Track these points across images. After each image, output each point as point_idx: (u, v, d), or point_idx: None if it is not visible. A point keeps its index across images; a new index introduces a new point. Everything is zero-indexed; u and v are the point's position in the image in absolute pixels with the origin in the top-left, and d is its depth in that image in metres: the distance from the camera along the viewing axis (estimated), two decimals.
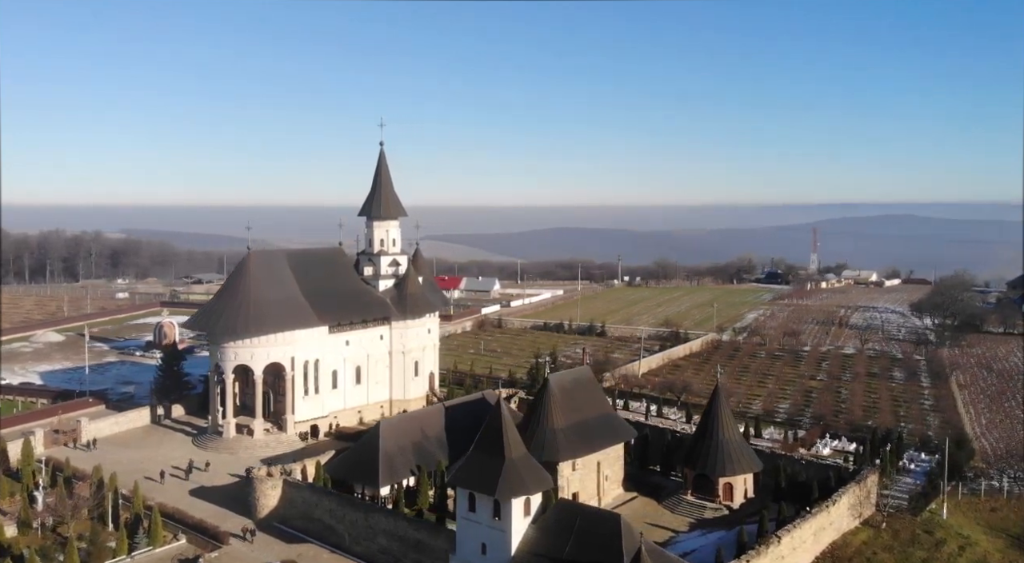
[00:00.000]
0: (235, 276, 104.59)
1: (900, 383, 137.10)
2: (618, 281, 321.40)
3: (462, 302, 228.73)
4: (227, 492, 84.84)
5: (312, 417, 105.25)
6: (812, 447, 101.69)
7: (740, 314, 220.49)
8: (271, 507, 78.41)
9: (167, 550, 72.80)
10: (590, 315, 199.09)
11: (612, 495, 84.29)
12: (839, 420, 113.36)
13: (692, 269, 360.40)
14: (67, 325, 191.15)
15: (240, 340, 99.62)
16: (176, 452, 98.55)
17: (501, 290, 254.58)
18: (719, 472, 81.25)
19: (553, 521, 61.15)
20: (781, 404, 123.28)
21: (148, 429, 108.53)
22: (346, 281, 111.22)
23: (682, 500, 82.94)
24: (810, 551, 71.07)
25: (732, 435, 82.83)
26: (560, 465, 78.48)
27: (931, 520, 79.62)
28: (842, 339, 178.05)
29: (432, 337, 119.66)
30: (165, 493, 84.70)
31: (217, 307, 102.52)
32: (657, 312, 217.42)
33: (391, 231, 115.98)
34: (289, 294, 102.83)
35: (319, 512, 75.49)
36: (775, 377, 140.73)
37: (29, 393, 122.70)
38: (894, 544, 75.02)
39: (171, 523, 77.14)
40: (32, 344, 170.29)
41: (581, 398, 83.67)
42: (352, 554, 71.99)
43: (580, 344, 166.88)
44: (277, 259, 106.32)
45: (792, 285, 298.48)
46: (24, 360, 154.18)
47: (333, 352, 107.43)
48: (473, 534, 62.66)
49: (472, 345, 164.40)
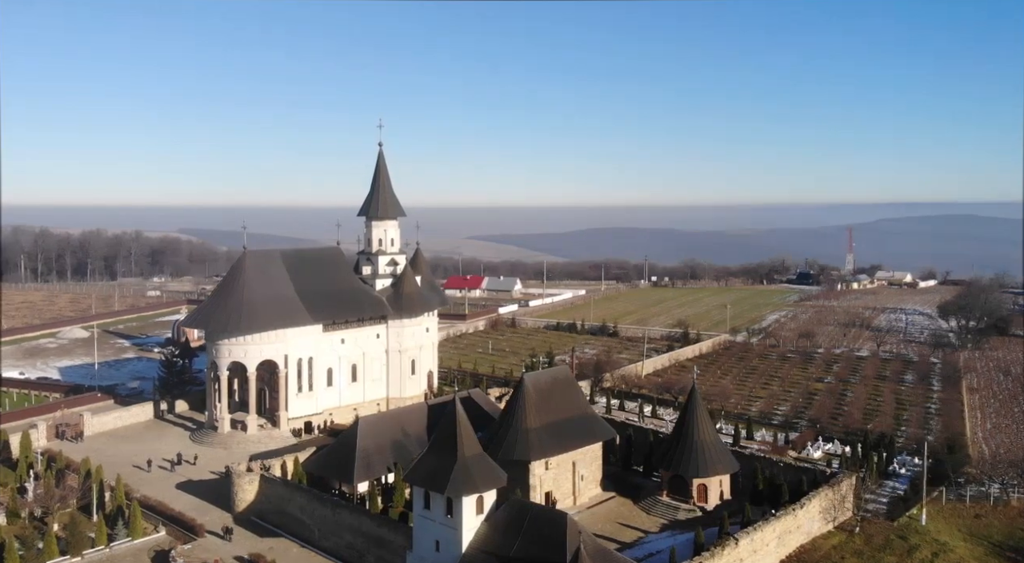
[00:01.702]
0: (231, 276, 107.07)
1: (909, 386, 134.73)
2: (645, 281, 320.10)
3: (479, 302, 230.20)
4: (211, 486, 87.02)
5: (306, 414, 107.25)
6: (803, 450, 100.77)
7: (761, 315, 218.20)
8: (248, 501, 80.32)
9: (146, 541, 74.92)
10: (609, 315, 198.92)
11: (588, 495, 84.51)
12: (837, 423, 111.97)
13: (722, 270, 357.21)
14: (94, 322, 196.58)
15: (233, 338, 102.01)
16: (173, 446, 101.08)
17: (523, 290, 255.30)
18: (693, 473, 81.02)
19: (504, 519, 61.83)
20: (781, 406, 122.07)
21: (150, 424, 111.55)
22: (342, 280, 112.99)
23: (657, 501, 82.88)
24: (774, 554, 70.57)
25: (707, 436, 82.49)
26: (532, 464, 79.04)
27: (908, 525, 78.42)
28: (859, 341, 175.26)
29: (431, 336, 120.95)
30: (152, 485, 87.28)
31: (213, 306, 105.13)
32: (676, 313, 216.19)
33: (389, 231, 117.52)
34: (282, 293, 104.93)
35: (291, 507, 77.15)
36: (781, 379, 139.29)
37: (44, 387, 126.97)
38: (865, 549, 74.11)
39: (153, 515, 79.55)
40: (58, 340, 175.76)
41: (558, 398, 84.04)
42: (321, 549, 73.45)
43: (591, 344, 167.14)
44: (272, 259, 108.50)
45: (823, 286, 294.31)
46: (47, 355, 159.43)
47: (328, 350, 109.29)
48: (428, 531, 63.69)
49: (482, 344, 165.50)
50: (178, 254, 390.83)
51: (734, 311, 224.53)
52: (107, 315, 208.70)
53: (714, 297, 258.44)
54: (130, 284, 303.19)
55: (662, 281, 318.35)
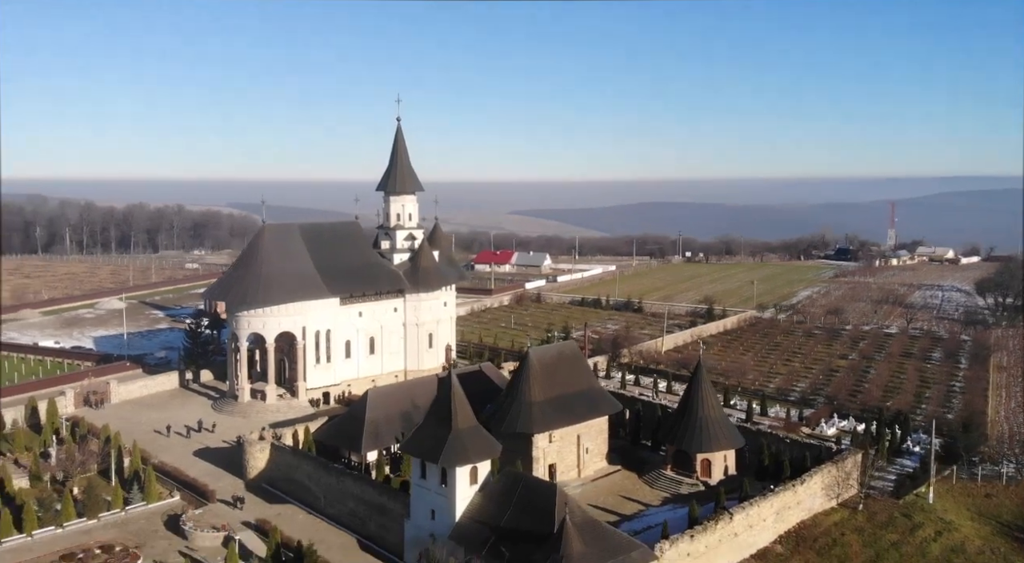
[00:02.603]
0: (250, 249, 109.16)
1: (935, 364, 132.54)
2: (678, 257, 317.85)
3: (508, 277, 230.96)
4: (226, 453, 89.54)
5: (324, 385, 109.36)
6: (816, 427, 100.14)
7: (793, 292, 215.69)
8: (260, 469, 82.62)
9: (160, 506, 77.65)
10: (637, 291, 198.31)
11: (593, 468, 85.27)
12: (855, 400, 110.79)
13: (759, 245, 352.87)
14: (124, 294, 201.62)
15: (252, 310, 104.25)
16: (196, 414, 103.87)
17: (552, 265, 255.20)
18: (696, 448, 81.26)
19: (497, 490, 62.88)
20: (800, 383, 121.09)
21: (175, 392, 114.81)
22: (360, 254, 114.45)
23: (661, 475, 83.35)
24: (771, 529, 70.70)
25: (712, 412, 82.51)
26: (535, 437, 79.95)
27: (914, 503, 77.95)
28: (890, 318, 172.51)
29: (448, 310, 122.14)
30: (171, 452, 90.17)
31: (232, 278, 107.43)
32: (707, 289, 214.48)
33: (407, 206, 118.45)
34: (300, 266, 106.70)
35: (299, 475, 79.22)
36: (803, 356, 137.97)
37: (76, 356, 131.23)
38: (867, 526, 73.88)
39: (168, 480, 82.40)
40: (96, 311, 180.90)
41: (563, 372, 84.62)
42: (326, 515, 75.44)
43: (614, 319, 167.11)
44: (291, 232, 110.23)
45: (861, 262, 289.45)
46: (84, 325, 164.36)
47: (345, 323, 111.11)
48: (424, 500, 65.06)
49: (504, 319, 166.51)
50: (219, 227, 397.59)
51: (766, 287, 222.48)
52: (144, 287, 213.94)
53: (748, 273, 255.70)
54: (171, 257, 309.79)
55: (696, 257, 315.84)
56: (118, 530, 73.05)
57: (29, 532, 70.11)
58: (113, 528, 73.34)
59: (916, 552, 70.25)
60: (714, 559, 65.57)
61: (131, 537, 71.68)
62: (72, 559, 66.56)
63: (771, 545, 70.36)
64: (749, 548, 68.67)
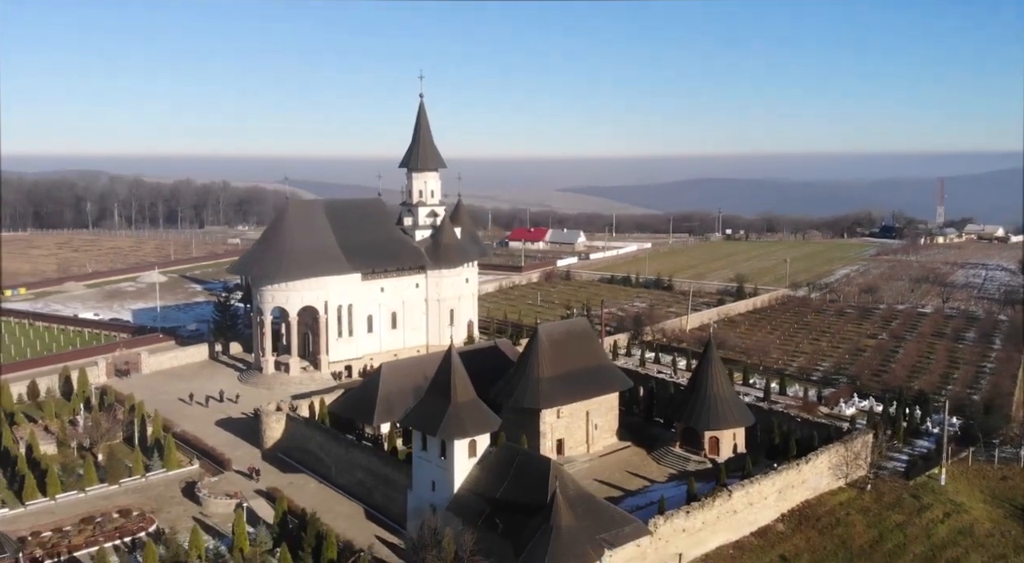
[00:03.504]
0: (274, 224, 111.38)
1: (968, 344, 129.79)
2: (718, 234, 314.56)
3: (540, 254, 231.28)
4: (245, 424, 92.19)
5: (347, 358, 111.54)
6: (835, 406, 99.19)
7: (830, 270, 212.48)
8: (275, 439, 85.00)
9: (179, 473, 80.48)
10: (670, 268, 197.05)
11: (603, 444, 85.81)
12: (879, 380, 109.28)
13: (802, 222, 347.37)
14: (171, 268, 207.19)
15: (275, 284, 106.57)
16: (222, 385, 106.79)
17: (586, 243, 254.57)
18: (704, 425, 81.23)
19: (494, 463, 63.92)
20: (824, 362, 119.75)
21: (204, 364, 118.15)
22: (382, 230, 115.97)
23: (669, 452, 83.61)
24: (773, 508, 70.65)
25: (721, 390, 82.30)
26: (543, 412, 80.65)
27: (925, 485, 77.05)
28: (927, 298, 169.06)
29: (470, 286, 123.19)
30: (194, 421, 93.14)
31: (257, 253, 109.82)
32: (743, 266, 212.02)
33: (429, 182, 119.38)
34: (323, 242, 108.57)
35: (312, 445, 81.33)
36: (832, 335, 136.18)
37: (112, 328, 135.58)
38: (873, 507, 73.36)
39: (189, 449, 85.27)
40: (137, 284, 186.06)
41: (573, 349, 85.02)
42: (336, 485, 77.44)
43: (642, 297, 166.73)
44: (315, 209, 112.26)
45: (907, 240, 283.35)
46: (124, 298, 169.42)
47: (367, 298, 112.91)
48: (425, 472, 66.45)
49: (532, 296, 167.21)
50: (264, 203, 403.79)
51: (804, 265, 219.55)
52: (185, 261, 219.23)
53: (788, 251, 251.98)
54: (215, 232, 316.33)
55: (737, 234, 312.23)
56: (138, 495, 76.00)
57: (52, 496, 73.36)
58: (133, 493, 76.31)
59: (921, 533, 69.62)
60: (712, 535, 65.90)
61: (149, 502, 74.56)
62: (91, 522, 69.54)
63: (772, 523, 70.34)
64: (749, 526, 68.79)
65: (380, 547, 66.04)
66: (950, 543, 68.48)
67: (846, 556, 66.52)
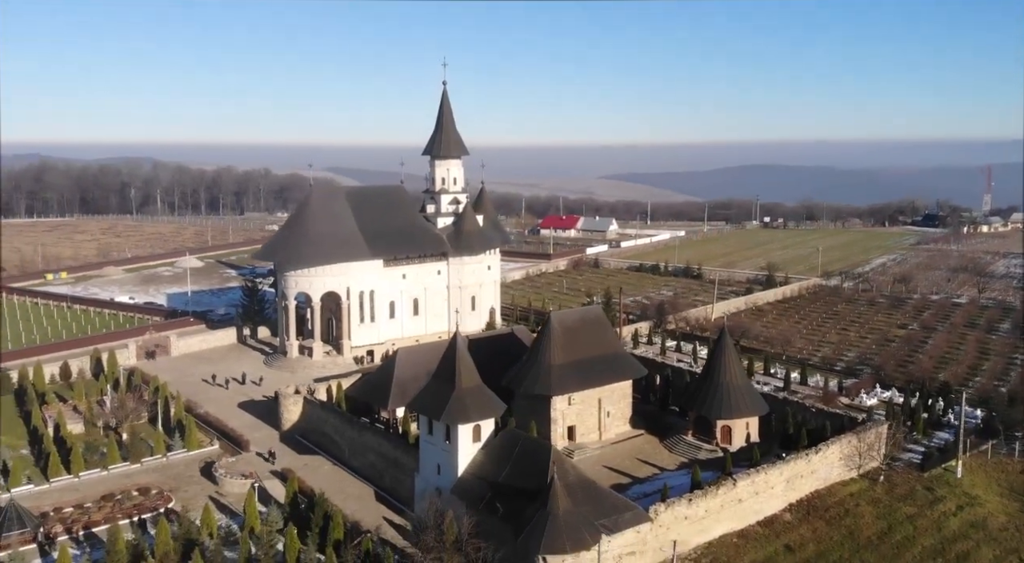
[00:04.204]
0: (298, 211, 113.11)
1: (1001, 336, 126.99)
2: (756, 222, 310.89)
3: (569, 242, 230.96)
4: (266, 406, 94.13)
5: (369, 343, 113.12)
6: (856, 397, 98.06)
7: (867, 259, 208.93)
8: (293, 421, 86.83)
9: (199, 453, 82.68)
10: (702, 257, 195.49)
11: (615, 431, 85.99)
12: (905, 371, 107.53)
13: (843, 210, 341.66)
14: (209, 253, 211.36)
15: (299, 270, 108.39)
16: (248, 368, 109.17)
17: (619, 231, 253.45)
18: (716, 414, 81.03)
19: (497, 448, 64.74)
20: (849, 353, 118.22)
21: (232, 347, 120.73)
22: (404, 217, 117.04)
23: (681, 440, 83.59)
24: (781, 497, 70.31)
25: (734, 378, 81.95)
26: (554, 399, 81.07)
27: (939, 477, 76.04)
28: (963, 288, 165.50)
29: (492, 274, 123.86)
30: (216, 403, 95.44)
31: (281, 239, 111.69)
32: (777, 255, 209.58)
33: (452, 170, 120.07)
34: (344, 228, 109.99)
35: (327, 428, 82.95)
36: (860, 325, 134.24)
37: (146, 311, 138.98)
38: (884, 498, 72.62)
39: (210, 430, 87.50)
40: (174, 269, 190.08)
41: (586, 336, 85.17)
42: (349, 467, 78.94)
43: (669, 285, 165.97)
44: (337, 196, 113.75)
45: (949, 229, 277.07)
46: (160, 282, 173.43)
47: (388, 284, 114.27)
48: (431, 455, 67.53)
49: (559, 284, 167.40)
50: (303, 190, 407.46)
51: (841, 254, 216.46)
52: (222, 247, 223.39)
53: (826, 239, 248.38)
54: (254, 218, 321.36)
55: (775, 222, 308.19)
56: (158, 474, 78.27)
57: (76, 473, 75.95)
58: (154, 472, 78.61)
59: (932, 526, 68.81)
60: (716, 524, 65.88)
61: (168, 481, 76.79)
62: (111, 499, 71.92)
63: (780, 513, 70.04)
64: (756, 515, 68.59)
65: (387, 528, 67.35)
66: (961, 536, 67.60)
67: (852, 547, 66.00)
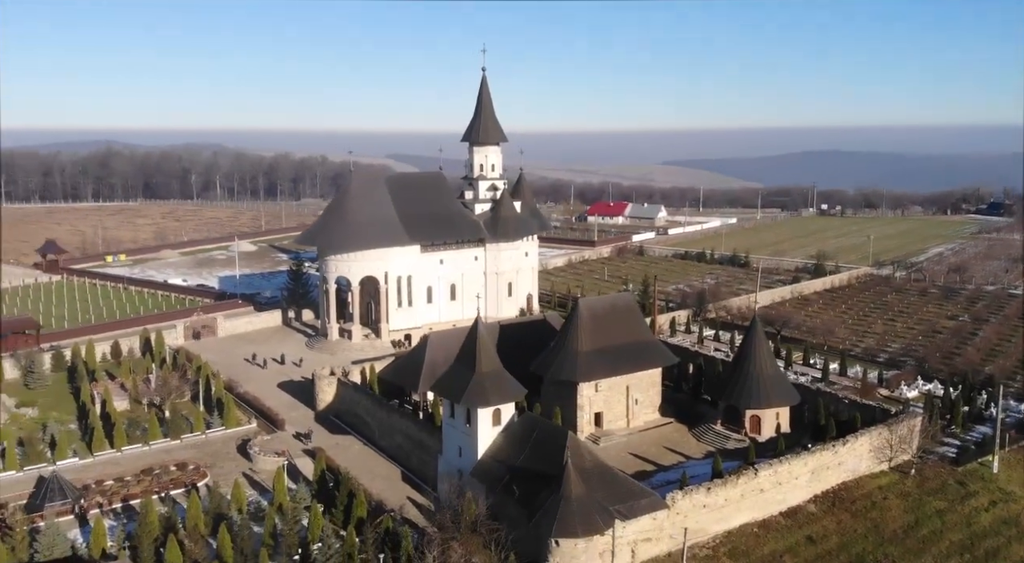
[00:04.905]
0: (338, 197, 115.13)
1: None
2: (812, 209, 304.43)
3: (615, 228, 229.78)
4: (303, 387, 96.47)
5: (407, 327, 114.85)
6: (896, 389, 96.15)
7: (923, 248, 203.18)
8: (327, 402, 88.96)
9: (236, 431, 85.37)
10: (751, 245, 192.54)
11: (644, 418, 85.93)
12: (951, 363, 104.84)
13: (905, 197, 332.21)
14: (263, 237, 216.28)
15: (338, 255, 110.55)
16: (291, 349, 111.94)
17: (667, 218, 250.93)
18: (745, 404, 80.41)
19: (516, 432, 65.54)
20: (894, 344, 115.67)
21: (277, 329, 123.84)
22: (442, 204, 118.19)
23: (710, 429, 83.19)
24: (805, 488, 69.57)
25: (765, 368, 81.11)
26: (581, 385, 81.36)
27: (974, 472, 74.33)
28: (1021, 278, 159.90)
29: (530, 260, 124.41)
30: (256, 382, 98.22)
31: (322, 224, 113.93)
32: (831, 243, 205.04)
33: (490, 156, 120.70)
34: (384, 214, 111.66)
35: (359, 409, 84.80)
36: (908, 316, 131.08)
37: (196, 293, 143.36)
38: (914, 492, 71.37)
39: (249, 408, 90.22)
40: (227, 253, 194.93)
41: (614, 323, 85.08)
42: (378, 447, 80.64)
43: (714, 273, 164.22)
44: (377, 182, 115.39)
45: (1014, 218, 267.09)
46: (214, 265, 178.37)
47: (426, 269, 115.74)
48: (453, 438, 68.68)
49: (600, 271, 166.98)
50: None
51: (897, 242, 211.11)
52: (277, 231, 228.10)
53: (884, 228, 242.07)
54: (310, 204, 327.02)
55: (832, 210, 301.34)
56: (196, 450, 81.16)
57: (119, 448, 79.23)
58: (192, 448, 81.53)
59: (962, 521, 67.45)
60: (736, 513, 65.61)
61: (205, 457, 79.57)
62: (150, 473, 74.91)
63: (804, 504, 69.34)
64: (778, 505, 68.07)
65: (410, 507, 68.80)
66: (991, 532, 66.15)
67: (876, 540, 65.12)
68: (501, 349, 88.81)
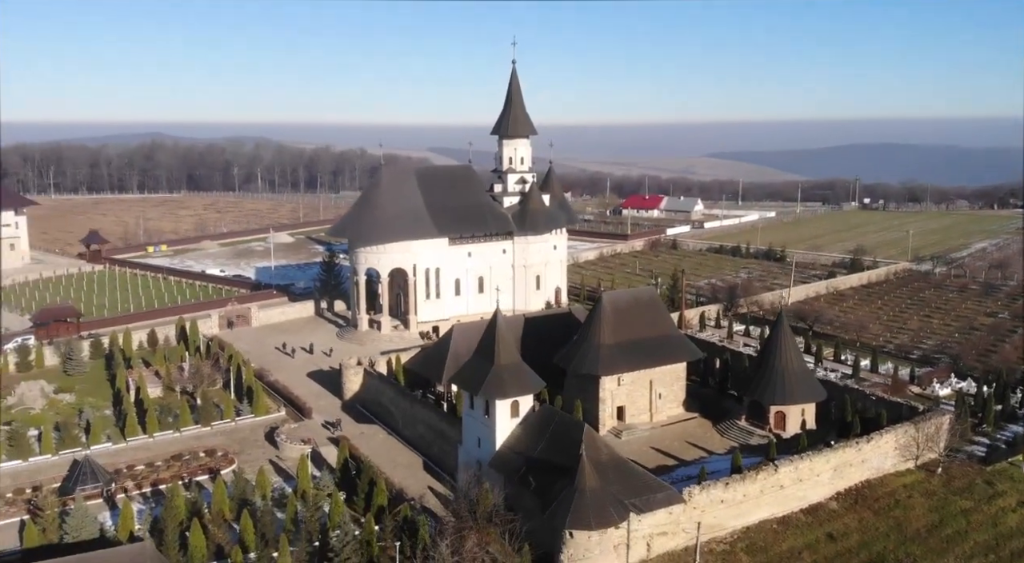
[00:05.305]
0: (368, 190, 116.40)
1: None
2: (854, 203, 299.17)
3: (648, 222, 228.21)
4: (332, 376, 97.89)
5: (435, 319, 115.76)
6: (928, 387, 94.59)
7: (966, 243, 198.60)
8: (354, 391, 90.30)
9: (265, 419, 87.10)
10: (788, 239, 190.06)
11: (667, 413, 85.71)
12: (986, 361, 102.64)
13: (950, 191, 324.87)
14: (301, 229, 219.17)
15: (368, 247, 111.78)
16: (321, 339, 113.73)
17: (704, 211, 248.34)
18: (770, 400, 79.81)
19: (534, 423, 65.90)
20: (928, 340, 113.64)
21: (309, 319, 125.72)
22: (471, 197, 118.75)
23: (734, 425, 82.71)
24: (827, 485, 68.94)
25: (791, 363, 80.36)
26: (603, 379, 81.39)
27: (1003, 472, 73.01)
28: None
29: (558, 253, 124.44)
30: (286, 371, 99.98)
31: (352, 216, 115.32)
32: (871, 238, 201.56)
33: (519, 149, 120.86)
34: (413, 206, 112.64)
35: (384, 399, 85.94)
36: (945, 312, 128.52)
37: (232, 283, 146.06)
38: (940, 491, 70.32)
39: (279, 397, 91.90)
40: (266, 244, 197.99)
41: (638, 317, 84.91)
42: (401, 437, 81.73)
43: (748, 267, 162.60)
44: (407, 175, 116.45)
45: None
46: (251, 256, 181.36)
47: (454, 262, 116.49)
48: (472, 428, 69.35)
49: (632, 264, 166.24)
50: None
51: (939, 237, 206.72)
52: (314, 223, 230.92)
53: (927, 222, 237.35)
54: (349, 197, 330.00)
55: (875, 203, 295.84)
56: (225, 437, 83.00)
57: (151, 434, 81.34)
58: (221, 435, 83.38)
59: (987, 521, 66.33)
60: (755, 509, 65.31)
61: (234, 444, 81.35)
62: (179, 459, 76.83)
63: (825, 501, 68.74)
64: (799, 502, 67.59)
65: (430, 497, 69.69)
66: (1018, 533, 65.00)
67: (899, 538, 64.37)
68: (526, 342, 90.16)
